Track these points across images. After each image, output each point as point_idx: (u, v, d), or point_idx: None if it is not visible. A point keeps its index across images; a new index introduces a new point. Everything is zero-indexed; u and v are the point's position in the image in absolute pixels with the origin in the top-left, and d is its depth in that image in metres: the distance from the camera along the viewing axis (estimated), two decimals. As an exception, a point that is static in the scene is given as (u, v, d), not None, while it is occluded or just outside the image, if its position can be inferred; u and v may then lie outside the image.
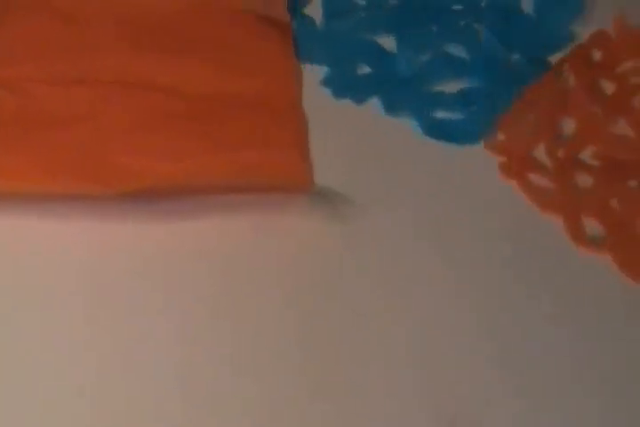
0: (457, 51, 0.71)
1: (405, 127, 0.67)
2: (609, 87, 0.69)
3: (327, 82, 0.69)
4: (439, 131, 0.67)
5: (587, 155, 0.66)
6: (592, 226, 0.63)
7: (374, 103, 0.68)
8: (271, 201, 0.62)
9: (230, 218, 0.61)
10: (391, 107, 0.68)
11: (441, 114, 0.68)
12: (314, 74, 0.69)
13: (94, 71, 0.65)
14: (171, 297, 0.59)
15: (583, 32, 0.72)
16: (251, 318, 0.58)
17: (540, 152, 0.66)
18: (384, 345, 0.58)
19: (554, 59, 0.71)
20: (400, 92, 0.69)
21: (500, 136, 0.66)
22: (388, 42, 0.71)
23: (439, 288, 0.60)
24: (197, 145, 0.62)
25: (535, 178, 0.65)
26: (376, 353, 0.58)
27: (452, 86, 0.69)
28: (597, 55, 0.71)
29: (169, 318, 0.58)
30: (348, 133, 0.66)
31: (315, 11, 0.71)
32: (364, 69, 0.70)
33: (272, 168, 0.62)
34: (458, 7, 0.73)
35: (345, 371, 0.57)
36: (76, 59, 0.65)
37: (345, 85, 0.69)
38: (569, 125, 0.67)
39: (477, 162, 0.66)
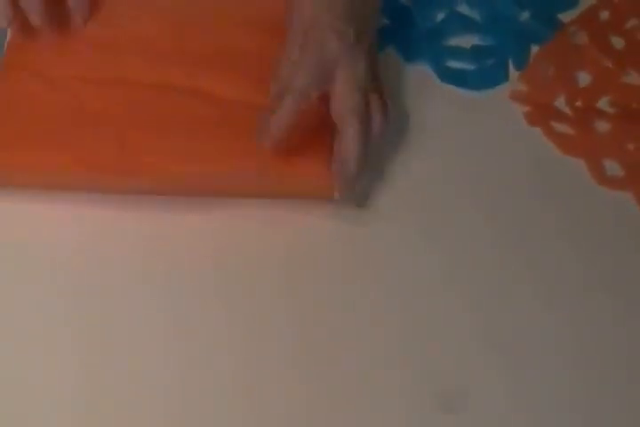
0: (469, 11, 0.77)
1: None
2: (618, 43, 0.75)
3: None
4: (453, 77, 0.73)
5: (603, 103, 0.71)
6: (611, 166, 0.68)
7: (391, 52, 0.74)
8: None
9: (243, 214, 0.64)
10: (409, 55, 0.74)
11: (455, 64, 0.74)
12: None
13: (134, 73, 0.67)
14: (172, 288, 0.61)
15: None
16: (253, 312, 0.61)
17: (561, 103, 0.71)
18: (377, 327, 0.61)
19: (562, 18, 0.76)
20: (417, 43, 0.75)
21: (524, 87, 0.72)
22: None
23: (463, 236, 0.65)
24: (221, 149, 0.64)
25: (557, 125, 0.70)
26: (367, 333, 0.60)
27: (465, 42, 0.75)
28: (605, 15, 0.76)
29: (171, 309, 0.60)
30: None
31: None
32: (383, 22, 0.75)
33: (295, 178, 0.63)
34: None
35: (339, 354, 0.59)
36: (117, 61, 0.68)
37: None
38: (584, 78, 0.73)
39: (503, 111, 0.71)
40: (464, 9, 0.77)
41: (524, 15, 0.77)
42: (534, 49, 0.75)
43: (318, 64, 0.63)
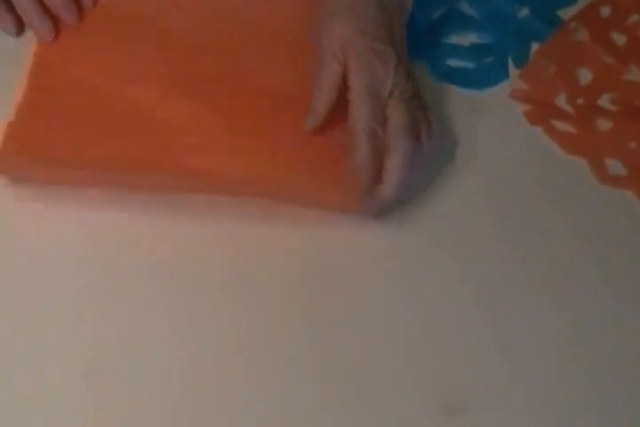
0: (468, 8, 0.76)
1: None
2: (620, 39, 0.74)
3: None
4: (452, 76, 0.72)
5: (605, 101, 0.70)
6: (614, 165, 0.68)
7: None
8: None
9: (274, 224, 0.63)
10: (407, 54, 0.71)
11: (454, 63, 0.73)
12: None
13: (165, 68, 0.66)
14: (190, 292, 0.60)
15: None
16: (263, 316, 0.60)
17: (561, 100, 0.70)
18: (385, 334, 0.60)
19: (562, 14, 0.75)
20: (415, 41, 0.72)
21: (524, 85, 0.71)
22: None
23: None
24: (259, 144, 0.63)
25: (558, 124, 0.69)
26: (376, 340, 0.60)
27: (463, 40, 0.74)
28: (606, 11, 0.75)
29: (187, 312, 0.59)
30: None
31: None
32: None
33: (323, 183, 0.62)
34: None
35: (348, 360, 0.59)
36: (149, 57, 0.66)
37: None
38: (585, 75, 0.72)
39: (503, 109, 0.70)
40: (462, 6, 0.76)
41: (524, 12, 0.76)
42: (534, 46, 0.74)
43: (374, 99, 0.62)
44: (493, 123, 0.69)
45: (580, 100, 0.70)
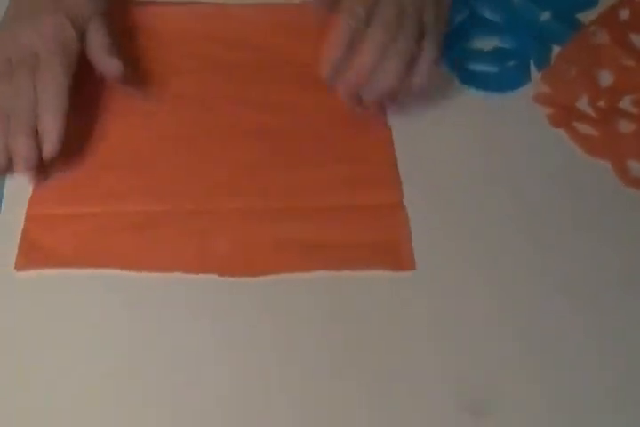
0: (489, 13, 0.77)
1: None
2: (639, 41, 0.74)
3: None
4: (475, 80, 0.73)
5: (626, 103, 0.71)
6: (637, 167, 0.68)
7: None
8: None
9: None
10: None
11: (477, 67, 0.74)
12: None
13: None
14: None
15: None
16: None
17: (583, 103, 0.71)
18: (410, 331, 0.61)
19: (581, 17, 0.76)
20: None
21: (547, 89, 0.71)
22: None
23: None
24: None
25: (580, 126, 0.70)
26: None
27: (486, 44, 0.75)
28: (625, 14, 0.76)
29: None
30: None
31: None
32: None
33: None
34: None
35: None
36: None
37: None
38: (606, 78, 0.72)
39: (526, 113, 0.71)
40: (484, 11, 0.77)
41: (545, 16, 0.77)
42: (555, 50, 0.74)
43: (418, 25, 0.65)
44: (516, 126, 0.70)
45: (601, 103, 0.71)
